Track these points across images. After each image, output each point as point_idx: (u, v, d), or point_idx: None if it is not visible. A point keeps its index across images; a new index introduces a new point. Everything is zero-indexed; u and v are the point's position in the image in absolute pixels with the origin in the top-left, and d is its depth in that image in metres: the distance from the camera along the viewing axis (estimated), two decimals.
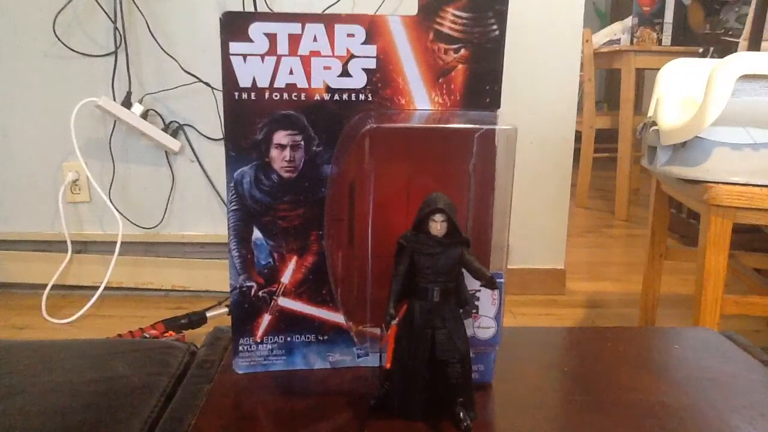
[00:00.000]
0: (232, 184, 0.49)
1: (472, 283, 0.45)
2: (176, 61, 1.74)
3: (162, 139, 1.76)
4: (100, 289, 1.77)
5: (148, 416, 0.48)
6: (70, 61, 1.76)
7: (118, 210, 1.81)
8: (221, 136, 1.78)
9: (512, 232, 0.49)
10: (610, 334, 0.64)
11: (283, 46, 0.47)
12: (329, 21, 0.47)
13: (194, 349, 0.60)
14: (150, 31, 1.73)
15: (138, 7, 1.72)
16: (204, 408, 0.48)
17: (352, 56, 0.47)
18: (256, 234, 0.50)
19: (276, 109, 0.48)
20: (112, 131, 1.80)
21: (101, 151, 1.81)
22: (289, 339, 0.52)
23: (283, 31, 0.46)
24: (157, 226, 1.86)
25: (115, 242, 1.79)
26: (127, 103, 1.73)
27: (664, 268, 1.49)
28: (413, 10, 0.47)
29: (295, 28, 0.46)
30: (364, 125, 0.46)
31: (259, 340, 0.52)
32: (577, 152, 2.14)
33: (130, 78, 1.75)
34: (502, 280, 0.48)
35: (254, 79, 0.47)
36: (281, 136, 0.48)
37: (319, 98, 0.48)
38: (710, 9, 2.66)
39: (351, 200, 0.49)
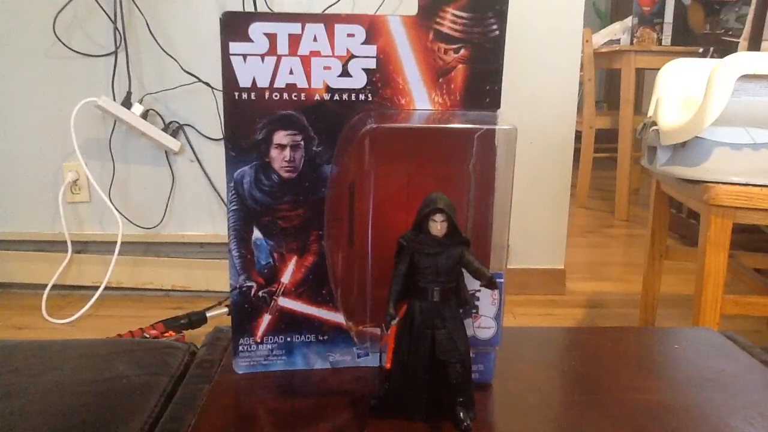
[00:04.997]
0: (232, 184, 0.49)
1: (472, 283, 0.45)
2: (176, 61, 1.74)
3: (162, 139, 1.76)
4: (100, 289, 1.77)
5: (148, 416, 0.48)
6: (70, 61, 1.76)
7: (118, 210, 1.81)
8: (221, 136, 1.78)
9: (512, 232, 0.49)
10: (610, 334, 0.64)
11: (283, 46, 0.47)
12: (329, 21, 0.47)
13: (194, 349, 0.60)
14: (150, 31, 1.73)
15: (138, 7, 1.72)
16: (204, 408, 0.48)
17: (352, 56, 0.47)
18: (256, 234, 0.50)
19: (276, 109, 0.48)
20: (112, 131, 1.80)
21: (101, 151, 1.81)
22: (289, 339, 0.52)
23: (283, 31, 0.46)
24: (157, 226, 1.86)
25: (115, 242, 1.79)
26: (127, 103, 1.73)
27: (664, 268, 1.49)
28: (413, 10, 0.47)
29: (295, 28, 0.46)
30: (364, 125, 0.46)
31: (259, 340, 0.52)
32: (577, 152, 2.14)
33: (130, 78, 1.75)
34: (502, 280, 0.48)
35: (254, 79, 0.47)
36: (281, 136, 0.48)
37: (319, 98, 0.48)
38: (710, 9, 2.66)
39: (351, 200, 0.49)
